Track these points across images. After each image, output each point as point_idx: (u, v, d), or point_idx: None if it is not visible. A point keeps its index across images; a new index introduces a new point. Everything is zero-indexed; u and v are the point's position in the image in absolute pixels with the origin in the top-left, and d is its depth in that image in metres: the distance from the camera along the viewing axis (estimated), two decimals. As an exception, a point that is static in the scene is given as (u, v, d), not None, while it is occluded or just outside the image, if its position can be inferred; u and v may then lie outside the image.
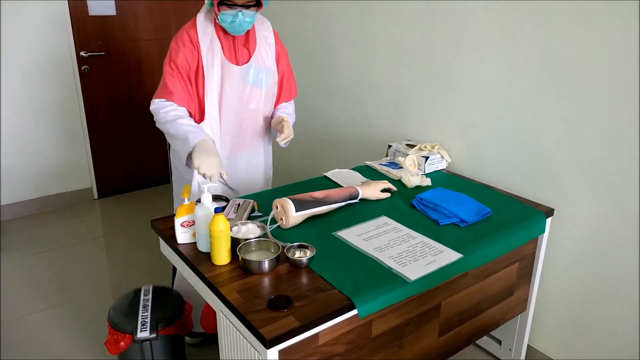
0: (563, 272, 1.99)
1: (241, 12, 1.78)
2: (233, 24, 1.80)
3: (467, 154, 2.26)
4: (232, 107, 1.96)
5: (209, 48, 1.87)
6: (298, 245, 1.50)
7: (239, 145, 2.05)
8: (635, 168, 1.70)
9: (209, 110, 1.91)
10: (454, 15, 2.18)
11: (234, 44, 1.91)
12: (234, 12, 1.78)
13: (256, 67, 1.96)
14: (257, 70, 1.96)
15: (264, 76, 1.98)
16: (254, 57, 1.95)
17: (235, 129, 2.01)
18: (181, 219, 1.54)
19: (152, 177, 4.12)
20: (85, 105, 3.67)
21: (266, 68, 1.98)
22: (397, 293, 1.38)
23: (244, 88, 1.95)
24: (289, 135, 1.94)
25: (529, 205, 1.89)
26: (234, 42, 1.91)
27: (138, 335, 1.79)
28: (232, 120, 1.99)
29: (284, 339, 1.19)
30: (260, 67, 1.97)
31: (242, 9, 1.78)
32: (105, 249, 3.18)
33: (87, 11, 3.51)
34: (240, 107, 1.98)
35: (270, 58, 2.01)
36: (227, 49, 1.90)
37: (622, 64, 1.67)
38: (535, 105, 1.95)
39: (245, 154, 2.09)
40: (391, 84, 2.60)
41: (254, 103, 2.00)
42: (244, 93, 1.96)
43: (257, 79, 1.97)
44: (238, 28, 1.83)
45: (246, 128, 2.04)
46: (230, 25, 1.81)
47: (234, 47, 1.91)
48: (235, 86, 1.93)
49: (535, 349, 2.15)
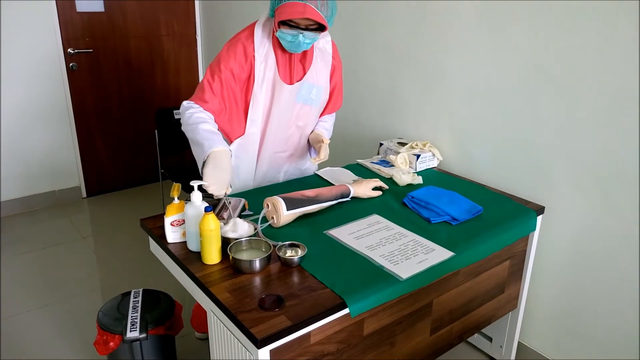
0: (553, 269, 2.01)
1: (302, 34, 1.66)
2: (292, 43, 1.69)
3: (459, 152, 2.26)
4: (279, 124, 1.88)
5: (263, 61, 1.76)
6: (289, 244, 1.49)
7: (282, 161, 2.00)
8: (626, 167, 1.71)
9: (250, 127, 1.84)
10: (444, 14, 2.18)
11: (290, 60, 1.81)
12: (294, 33, 1.66)
13: (309, 84, 1.86)
14: (310, 87, 1.86)
15: (315, 93, 1.89)
16: (309, 74, 1.85)
17: (279, 146, 1.94)
18: (171, 218, 1.52)
19: (141, 176, 4.09)
20: (73, 103, 3.63)
21: (319, 85, 1.89)
22: (388, 292, 1.38)
23: (293, 106, 1.87)
24: (324, 159, 1.88)
25: (520, 203, 1.90)
26: (291, 59, 1.81)
27: (128, 335, 1.77)
28: (278, 138, 1.91)
29: (275, 338, 1.19)
30: (314, 84, 1.87)
31: (303, 31, 1.67)
32: (94, 248, 3.15)
33: (74, 7, 3.47)
34: (288, 124, 1.90)
35: (325, 73, 1.90)
36: (282, 66, 1.80)
37: (613, 64, 1.67)
38: (526, 103, 1.96)
39: (286, 168, 2.04)
40: (382, 82, 2.59)
41: (302, 121, 1.93)
42: (293, 111, 1.88)
43: (308, 97, 1.88)
44: (296, 48, 1.71)
45: (291, 145, 1.98)
46: (289, 44, 1.70)
47: (289, 63, 1.81)
48: (285, 104, 1.84)
49: (526, 346, 2.16)
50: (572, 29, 1.76)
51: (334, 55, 1.93)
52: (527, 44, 1.91)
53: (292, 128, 1.93)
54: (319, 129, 2.02)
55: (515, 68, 1.96)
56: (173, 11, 3.94)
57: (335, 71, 1.96)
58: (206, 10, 4.01)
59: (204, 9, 4.02)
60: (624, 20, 1.61)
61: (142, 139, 3.96)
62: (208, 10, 3.98)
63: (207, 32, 4.05)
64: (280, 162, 2.02)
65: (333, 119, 2.12)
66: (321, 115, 2.04)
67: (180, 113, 1.80)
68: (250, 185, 2.00)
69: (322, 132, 2.00)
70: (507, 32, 1.96)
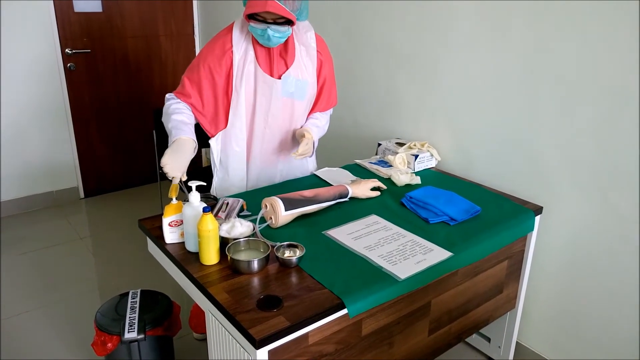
0: (551, 269, 2.01)
1: (269, 28, 1.68)
2: (262, 37, 1.71)
3: (457, 152, 2.27)
4: (265, 119, 1.89)
5: (242, 55, 1.79)
6: (287, 245, 1.49)
7: (275, 158, 2.00)
8: (624, 167, 1.71)
9: (234, 121, 1.85)
10: (443, 14, 2.18)
11: (269, 54, 1.81)
12: (262, 27, 1.68)
13: (294, 78, 1.86)
14: (295, 82, 1.86)
15: (301, 88, 1.88)
16: (292, 69, 1.84)
17: (269, 142, 1.95)
18: (169, 218, 1.52)
19: (139, 176, 4.08)
20: (71, 103, 3.62)
21: (304, 80, 1.88)
22: (387, 292, 1.38)
23: (279, 100, 1.87)
24: (304, 153, 1.84)
25: (518, 204, 1.90)
26: (270, 53, 1.81)
27: (125, 336, 1.77)
28: (267, 133, 1.92)
29: (274, 339, 1.19)
30: (299, 78, 1.87)
31: (270, 24, 1.68)
32: (92, 249, 3.14)
33: (72, 7, 3.46)
34: (275, 119, 1.90)
35: (311, 68, 1.89)
36: (263, 59, 1.81)
37: (611, 64, 1.68)
38: (524, 103, 1.96)
39: (281, 166, 2.05)
40: (380, 82, 2.59)
41: (290, 116, 1.93)
42: (278, 105, 1.88)
43: (293, 91, 1.87)
44: (268, 42, 1.73)
45: (281, 141, 1.97)
46: (260, 37, 1.72)
47: (269, 57, 1.82)
48: (270, 98, 1.85)
49: (524, 346, 2.16)
50: (571, 29, 1.76)
51: (319, 49, 1.91)
52: (525, 44, 1.91)
53: (280, 123, 1.93)
54: (308, 125, 2.00)
55: (514, 68, 1.97)
56: (171, 11, 3.93)
57: (323, 66, 1.93)
58: (204, 10, 4.00)
59: (202, 8, 4.02)
60: (623, 20, 1.61)
61: (140, 139, 3.96)
62: (206, 10, 3.98)
63: (205, 32, 4.05)
64: (274, 160, 2.01)
65: (326, 118, 2.07)
66: (313, 112, 2.01)
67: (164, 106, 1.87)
68: (245, 184, 2.01)
69: (310, 128, 1.97)
70: (506, 33, 1.96)
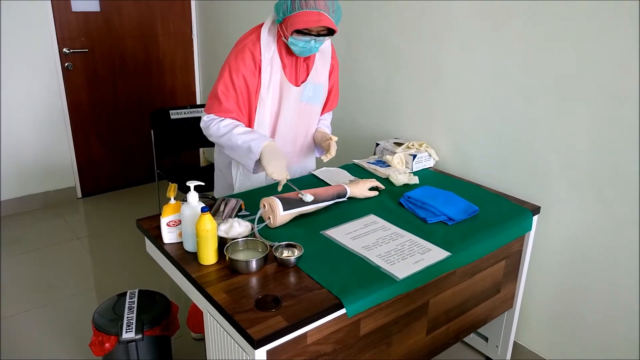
0: (549, 269, 2.01)
1: (314, 40, 1.71)
2: (304, 49, 1.74)
3: (455, 152, 2.27)
4: (286, 124, 1.92)
5: (269, 65, 1.80)
6: (286, 245, 1.49)
7: (290, 161, 2.00)
8: (622, 167, 1.72)
9: (257, 127, 1.85)
10: (441, 14, 2.18)
11: (296, 63, 1.85)
12: (307, 39, 1.71)
13: (312, 84, 1.91)
14: (313, 87, 1.91)
15: (318, 92, 1.94)
16: (312, 74, 1.90)
17: (288, 146, 1.97)
18: (167, 218, 1.52)
19: (136, 176, 4.07)
20: (69, 102, 3.61)
21: (319, 84, 1.94)
22: (385, 292, 1.38)
23: (299, 105, 1.91)
24: (333, 155, 1.91)
25: (515, 203, 1.90)
26: (297, 61, 1.85)
27: (123, 336, 1.76)
28: (287, 138, 1.95)
29: (272, 339, 1.19)
30: (315, 83, 1.92)
31: (316, 37, 1.71)
32: (89, 249, 3.14)
33: (70, 7, 3.46)
34: (295, 124, 1.94)
35: (324, 72, 1.95)
36: (289, 68, 1.85)
37: (609, 64, 1.68)
38: (523, 103, 1.96)
39: (294, 168, 2.06)
40: (379, 82, 2.59)
41: (307, 120, 1.97)
42: (299, 110, 1.92)
43: (311, 96, 1.93)
44: (306, 52, 1.77)
45: (298, 144, 2.01)
46: (301, 49, 1.75)
47: (295, 65, 1.86)
48: (292, 105, 1.89)
49: (521, 345, 2.17)
50: (569, 29, 1.76)
51: (332, 55, 1.98)
52: (524, 44, 1.91)
53: (299, 127, 1.97)
54: (322, 127, 2.07)
55: (512, 68, 1.97)
56: (169, 11, 3.93)
57: (334, 70, 2.01)
58: (202, 10, 4.00)
59: (200, 8, 4.02)
60: (622, 20, 1.62)
61: (137, 139, 3.95)
62: (204, 9, 3.97)
63: (204, 31, 4.05)
64: (289, 162, 2.02)
65: (331, 117, 2.17)
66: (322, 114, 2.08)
67: (203, 128, 1.85)
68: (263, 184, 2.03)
69: (325, 130, 2.05)
70: (504, 33, 1.97)
